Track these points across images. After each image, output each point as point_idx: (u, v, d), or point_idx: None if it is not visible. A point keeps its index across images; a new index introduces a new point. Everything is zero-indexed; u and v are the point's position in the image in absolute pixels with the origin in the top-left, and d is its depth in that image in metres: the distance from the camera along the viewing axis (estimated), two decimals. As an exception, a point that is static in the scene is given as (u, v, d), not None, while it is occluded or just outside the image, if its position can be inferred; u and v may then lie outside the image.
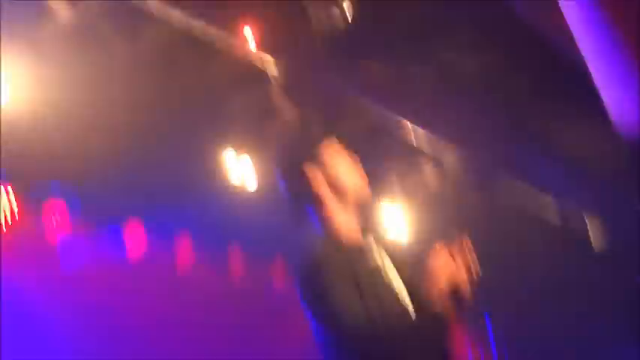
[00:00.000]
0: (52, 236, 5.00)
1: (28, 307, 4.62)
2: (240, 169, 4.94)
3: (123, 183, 4.87)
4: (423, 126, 5.12)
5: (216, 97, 4.72)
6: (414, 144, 5.26)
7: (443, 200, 5.52)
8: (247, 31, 4.18)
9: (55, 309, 4.63)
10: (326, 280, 1.77)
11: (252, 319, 5.22)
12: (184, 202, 4.88)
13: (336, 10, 4.17)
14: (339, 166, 1.99)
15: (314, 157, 1.97)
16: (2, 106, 4.23)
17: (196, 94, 4.64)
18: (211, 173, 4.91)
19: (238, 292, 5.27)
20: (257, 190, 5.14)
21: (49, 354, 4.51)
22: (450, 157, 5.53)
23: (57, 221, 5.09)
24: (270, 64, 4.41)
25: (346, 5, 4.19)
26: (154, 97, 4.59)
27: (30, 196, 4.87)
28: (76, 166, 4.71)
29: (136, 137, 4.70)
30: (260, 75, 4.60)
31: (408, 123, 5.05)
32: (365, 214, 2.02)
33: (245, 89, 4.71)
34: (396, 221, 5.67)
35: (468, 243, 1.90)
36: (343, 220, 1.94)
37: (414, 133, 5.15)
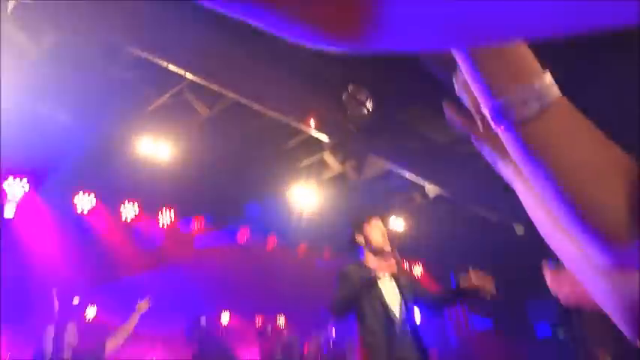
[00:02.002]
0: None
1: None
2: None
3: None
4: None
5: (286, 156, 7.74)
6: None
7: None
8: (311, 120, 7.06)
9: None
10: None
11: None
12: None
13: (363, 109, 7.00)
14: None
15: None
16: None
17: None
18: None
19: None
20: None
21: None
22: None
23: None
24: (324, 137, 7.30)
25: (369, 105, 7.01)
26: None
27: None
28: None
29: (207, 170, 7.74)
30: (316, 143, 7.53)
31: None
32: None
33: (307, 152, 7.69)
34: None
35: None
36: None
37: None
